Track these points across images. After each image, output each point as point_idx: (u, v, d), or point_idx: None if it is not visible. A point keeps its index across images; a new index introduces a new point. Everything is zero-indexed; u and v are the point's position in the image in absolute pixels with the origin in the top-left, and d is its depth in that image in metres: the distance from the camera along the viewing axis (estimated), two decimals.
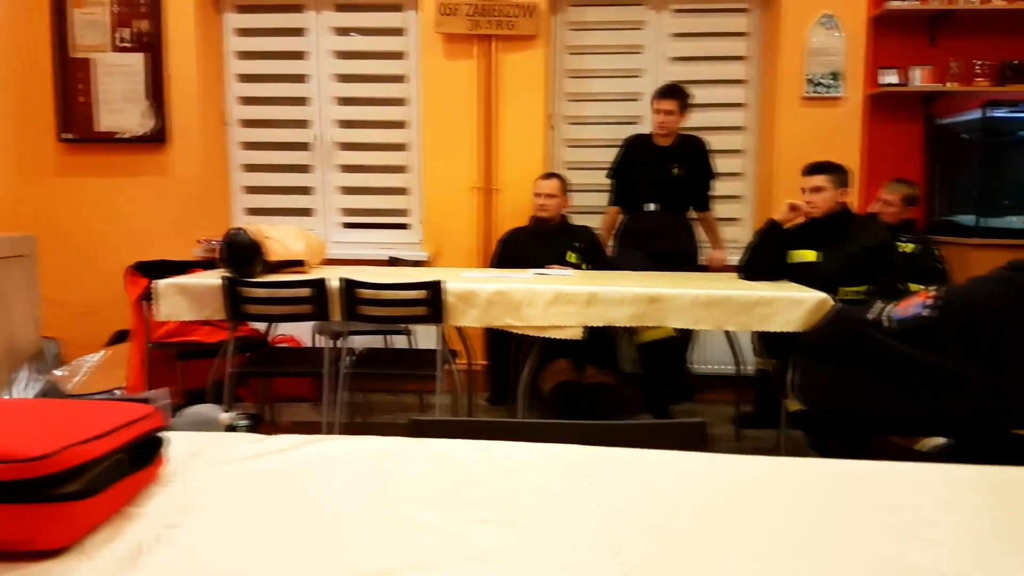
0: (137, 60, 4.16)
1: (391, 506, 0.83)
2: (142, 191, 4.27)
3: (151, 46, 4.15)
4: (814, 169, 3.06)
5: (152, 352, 3.53)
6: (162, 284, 2.93)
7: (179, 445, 0.95)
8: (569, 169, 4.12)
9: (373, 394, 4.07)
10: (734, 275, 3.18)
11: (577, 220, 3.86)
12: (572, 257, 3.57)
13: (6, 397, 3.58)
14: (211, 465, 0.92)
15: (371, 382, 3.86)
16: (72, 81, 4.21)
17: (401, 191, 4.36)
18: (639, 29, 4.09)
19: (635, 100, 4.12)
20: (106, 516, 0.74)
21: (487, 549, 0.74)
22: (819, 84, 3.85)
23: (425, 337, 3.93)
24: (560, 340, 2.78)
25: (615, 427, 1.19)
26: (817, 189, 3.02)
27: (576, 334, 2.75)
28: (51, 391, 3.67)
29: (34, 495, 0.66)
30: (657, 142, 3.71)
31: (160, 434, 0.87)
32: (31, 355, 3.74)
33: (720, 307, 2.66)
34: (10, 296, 3.59)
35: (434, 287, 2.84)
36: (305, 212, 4.44)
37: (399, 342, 3.94)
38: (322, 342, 3.98)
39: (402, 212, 4.39)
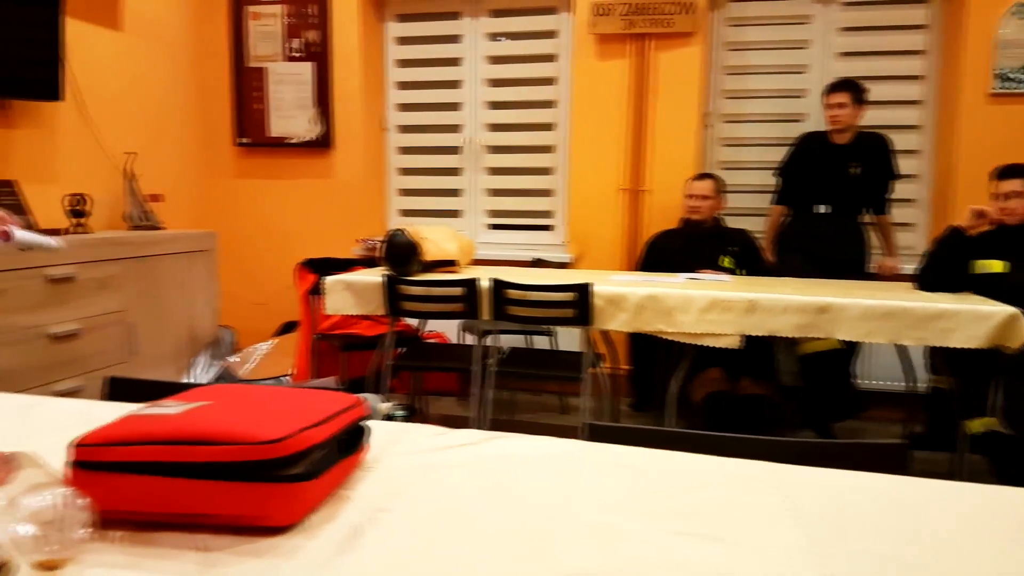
0: (306, 69, 4.43)
1: (583, 509, 0.82)
2: (308, 193, 4.55)
3: (319, 55, 4.41)
4: (1014, 172, 2.79)
5: (318, 342, 3.75)
6: (330, 280, 3.11)
7: (374, 433, 0.99)
8: (725, 169, 3.98)
9: (516, 392, 4.12)
10: (907, 285, 2.95)
11: (732, 223, 3.72)
12: (726, 262, 3.44)
13: (187, 380, 3.92)
14: (406, 454, 0.95)
15: (513, 381, 3.91)
16: (248, 89, 4.55)
17: (546, 193, 4.40)
18: (805, 24, 3.88)
19: (799, 97, 3.92)
20: (324, 497, 0.79)
21: (691, 562, 0.71)
22: (1010, 79, 3.50)
23: (567, 338, 3.93)
24: (713, 348, 2.69)
25: (805, 444, 1.12)
26: (1017, 194, 2.75)
27: (733, 343, 2.65)
28: (226, 375, 3.98)
29: (266, 475, 0.70)
30: (833, 140, 3.50)
31: (364, 423, 0.91)
32: (209, 342, 4.08)
33: (896, 319, 2.48)
34: (193, 287, 3.93)
35: (582, 290, 2.83)
36: (453, 214, 4.57)
37: (539, 342, 3.97)
38: (469, 339, 4.08)
39: (547, 214, 4.42)
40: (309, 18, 4.37)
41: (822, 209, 3.50)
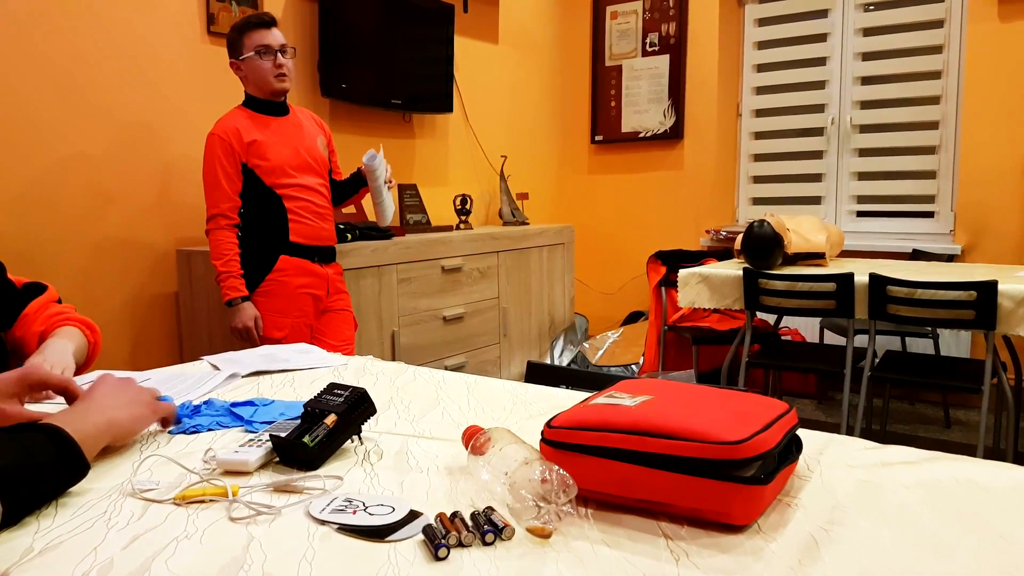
0: (662, 62, 4.49)
1: None
2: (657, 185, 4.61)
3: (675, 47, 4.43)
4: None
5: (666, 334, 3.80)
6: (684, 273, 3.11)
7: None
8: None
9: (887, 400, 3.72)
10: None
11: None
12: None
13: (548, 362, 4.24)
14: (840, 466, 0.90)
15: (885, 387, 3.53)
16: (604, 88, 4.75)
17: (928, 175, 3.88)
18: None
19: None
20: (771, 501, 0.77)
21: None
22: None
23: (951, 342, 3.44)
24: None
25: None
26: None
27: None
28: (580, 360, 4.22)
29: (725, 474, 0.71)
30: None
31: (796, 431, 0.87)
32: (566, 327, 4.37)
33: None
34: (553, 277, 4.23)
35: (986, 288, 2.44)
36: (813, 200, 4.27)
37: (914, 345, 3.53)
38: (828, 338, 3.79)
39: (927, 199, 3.90)
40: (668, 10, 4.41)
41: None
